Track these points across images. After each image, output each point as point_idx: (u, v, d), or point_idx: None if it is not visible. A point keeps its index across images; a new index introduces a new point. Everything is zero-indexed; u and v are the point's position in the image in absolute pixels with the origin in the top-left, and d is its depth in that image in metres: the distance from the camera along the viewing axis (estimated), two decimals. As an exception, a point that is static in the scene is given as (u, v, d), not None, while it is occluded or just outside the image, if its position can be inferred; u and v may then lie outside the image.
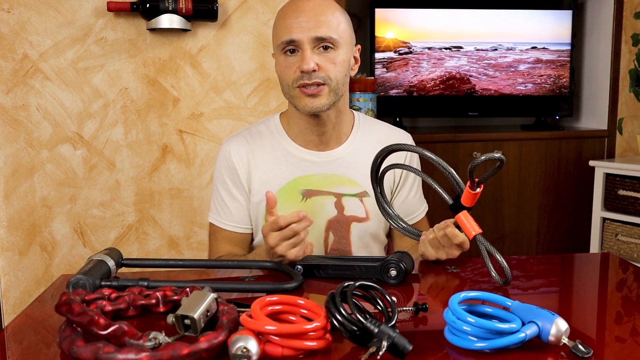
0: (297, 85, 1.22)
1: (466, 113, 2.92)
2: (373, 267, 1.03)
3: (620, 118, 2.84)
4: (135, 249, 2.08)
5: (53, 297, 0.99)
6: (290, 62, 1.22)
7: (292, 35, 1.20)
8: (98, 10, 1.95)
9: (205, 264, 1.18)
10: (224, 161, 1.34)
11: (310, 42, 1.20)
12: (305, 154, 1.32)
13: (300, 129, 1.31)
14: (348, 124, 1.35)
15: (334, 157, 1.32)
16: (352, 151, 1.33)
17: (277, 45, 1.24)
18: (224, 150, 1.35)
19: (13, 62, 1.93)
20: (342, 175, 1.31)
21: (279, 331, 0.71)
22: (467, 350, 0.75)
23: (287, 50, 1.22)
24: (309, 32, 1.19)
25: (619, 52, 2.84)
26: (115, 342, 0.70)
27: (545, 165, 2.79)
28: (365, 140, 1.35)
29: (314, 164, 1.32)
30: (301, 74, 1.20)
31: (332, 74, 1.22)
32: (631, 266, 1.14)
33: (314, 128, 1.30)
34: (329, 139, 1.32)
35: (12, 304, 2.00)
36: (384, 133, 1.38)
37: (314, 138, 1.31)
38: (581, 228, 2.84)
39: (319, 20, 1.20)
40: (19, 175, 1.97)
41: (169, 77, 2.03)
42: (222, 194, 1.34)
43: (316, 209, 1.30)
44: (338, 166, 1.32)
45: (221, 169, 1.35)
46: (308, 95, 1.22)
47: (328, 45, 1.21)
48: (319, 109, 1.23)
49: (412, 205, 1.40)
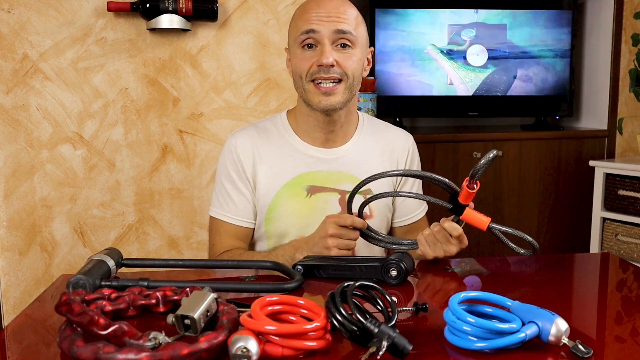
0: (312, 79, 1.23)
1: (466, 113, 2.92)
2: (373, 267, 1.03)
3: (620, 118, 2.84)
4: (135, 249, 2.08)
5: (53, 297, 0.99)
6: (307, 55, 1.23)
7: (313, 25, 1.21)
8: (98, 10, 1.95)
9: (205, 264, 1.18)
10: (229, 154, 1.34)
11: (330, 35, 1.21)
12: (311, 150, 1.33)
13: (309, 126, 1.32)
14: (354, 124, 1.37)
15: (340, 155, 1.33)
16: (357, 149, 1.35)
17: (295, 37, 1.25)
18: (229, 143, 1.34)
19: (13, 62, 1.93)
20: (346, 172, 1.32)
21: (279, 331, 0.71)
22: (467, 350, 0.75)
23: (305, 44, 1.23)
24: (329, 25, 1.21)
25: (619, 52, 2.85)
26: (115, 342, 0.70)
27: (545, 165, 2.79)
28: (370, 139, 1.36)
29: (319, 161, 1.32)
30: (318, 68, 1.21)
31: (349, 70, 1.23)
32: (631, 266, 1.14)
33: (323, 126, 1.30)
34: (335, 137, 1.33)
35: (12, 304, 2.00)
36: (387, 132, 1.40)
37: (321, 136, 1.32)
38: (581, 228, 2.84)
39: (339, 16, 1.22)
40: (19, 175, 1.97)
41: (169, 77, 2.03)
42: (227, 187, 1.33)
43: (320, 206, 1.30)
44: (343, 163, 1.33)
45: (226, 162, 1.34)
46: (323, 92, 1.22)
47: (346, 42, 1.23)
48: (334, 106, 1.24)
49: (412, 204, 1.40)
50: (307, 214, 1.30)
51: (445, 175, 1.05)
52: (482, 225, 1.04)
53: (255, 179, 1.32)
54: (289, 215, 1.30)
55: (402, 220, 1.40)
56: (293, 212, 1.29)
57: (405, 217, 1.40)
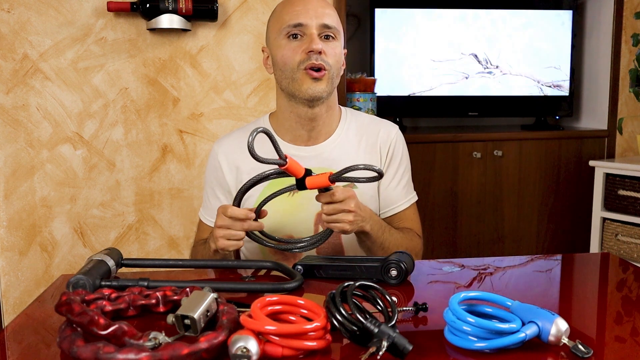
0: (304, 67, 1.25)
1: (466, 113, 2.92)
2: (373, 267, 1.03)
3: (620, 118, 2.84)
4: (135, 249, 2.08)
5: (53, 297, 0.99)
6: (294, 45, 1.26)
7: (301, 19, 1.25)
8: (98, 10, 1.95)
9: (205, 264, 1.18)
10: (212, 161, 1.40)
11: (317, 28, 1.25)
12: (293, 149, 1.34)
13: (291, 125, 1.34)
14: (336, 120, 1.38)
15: (320, 151, 1.35)
16: (338, 144, 1.36)
17: (280, 29, 1.27)
18: (213, 151, 1.40)
19: (13, 62, 1.93)
20: (327, 167, 1.32)
21: (279, 331, 0.71)
22: (467, 350, 0.75)
23: (291, 35, 1.26)
24: (317, 19, 1.25)
25: (619, 52, 2.84)
26: (115, 342, 0.70)
27: (545, 165, 2.79)
28: (352, 133, 1.38)
29: (302, 159, 1.32)
30: (308, 55, 1.24)
31: (332, 61, 1.26)
32: (631, 266, 1.14)
33: (305, 123, 1.32)
34: (317, 134, 1.35)
35: (12, 304, 2.00)
36: (370, 125, 1.40)
37: (303, 133, 1.34)
38: (581, 228, 2.84)
39: (324, 11, 1.27)
40: (19, 175, 1.97)
41: (169, 77, 2.03)
42: (208, 191, 1.41)
43: (304, 203, 1.31)
44: (325, 159, 1.34)
45: (209, 169, 1.41)
46: (312, 78, 1.25)
47: (330, 34, 1.27)
48: (320, 93, 1.26)
49: (394, 195, 1.38)
50: (290, 212, 1.31)
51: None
52: (325, 182, 1.04)
53: (238, 184, 1.33)
54: (273, 215, 1.30)
55: (385, 212, 1.39)
56: (277, 212, 1.30)
57: (387, 209, 1.38)
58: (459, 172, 2.66)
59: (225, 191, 1.37)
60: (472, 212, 2.70)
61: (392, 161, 1.38)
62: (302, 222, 1.30)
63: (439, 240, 2.67)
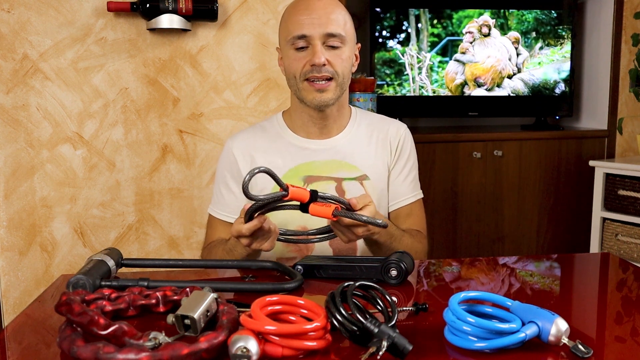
0: (305, 78, 1.28)
1: (466, 113, 2.92)
2: (373, 267, 1.03)
3: (620, 118, 2.84)
4: (135, 249, 2.08)
5: (53, 297, 0.99)
6: (299, 56, 1.29)
7: (304, 30, 1.26)
8: (98, 10, 1.95)
9: (205, 264, 1.18)
10: (226, 155, 1.40)
11: (321, 37, 1.26)
12: (307, 143, 1.38)
13: (303, 122, 1.37)
14: (347, 117, 1.42)
15: (334, 144, 1.38)
16: (351, 138, 1.39)
17: (286, 39, 1.30)
18: (227, 146, 1.41)
19: (13, 62, 1.93)
20: (341, 160, 1.37)
21: (279, 331, 0.71)
22: (467, 350, 0.75)
23: (296, 45, 1.28)
24: (320, 29, 1.26)
25: (619, 52, 2.84)
26: (115, 342, 0.70)
27: (545, 165, 2.79)
28: (363, 129, 1.41)
29: (315, 152, 1.37)
30: (311, 68, 1.26)
31: (339, 69, 1.28)
32: (631, 266, 1.14)
33: (316, 121, 1.36)
34: (329, 130, 1.38)
35: (12, 304, 2.00)
36: (380, 122, 1.44)
37: (315, 130, 1.38)
38: (581, 228, 2.84)
39: (329, 18, 1.27)
40: (19, 175, 1.97)
41: (169, 77, 2.03)
42: (220, 186, 1.41)
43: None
44: (338, 152, 1.37)
45: (222, 164, 1.41)
46: (317, 89, 1.28)
47: (336, 41, 1.28)
48: (326, 102, 1.30)
49: (402, 189, 1.41)
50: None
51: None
52: (328, 216, 1.04)
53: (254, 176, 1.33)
54: None
55: (392, 205, 1.41)
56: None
57: (394, 202, 1.41)
58: (459, 172, 2.66)
59: (240, 184, 1.36)
60: (472, 212, 2.70)
61: (400, 156, 1.41)
62: None
63: (439, 240, 2.67)
